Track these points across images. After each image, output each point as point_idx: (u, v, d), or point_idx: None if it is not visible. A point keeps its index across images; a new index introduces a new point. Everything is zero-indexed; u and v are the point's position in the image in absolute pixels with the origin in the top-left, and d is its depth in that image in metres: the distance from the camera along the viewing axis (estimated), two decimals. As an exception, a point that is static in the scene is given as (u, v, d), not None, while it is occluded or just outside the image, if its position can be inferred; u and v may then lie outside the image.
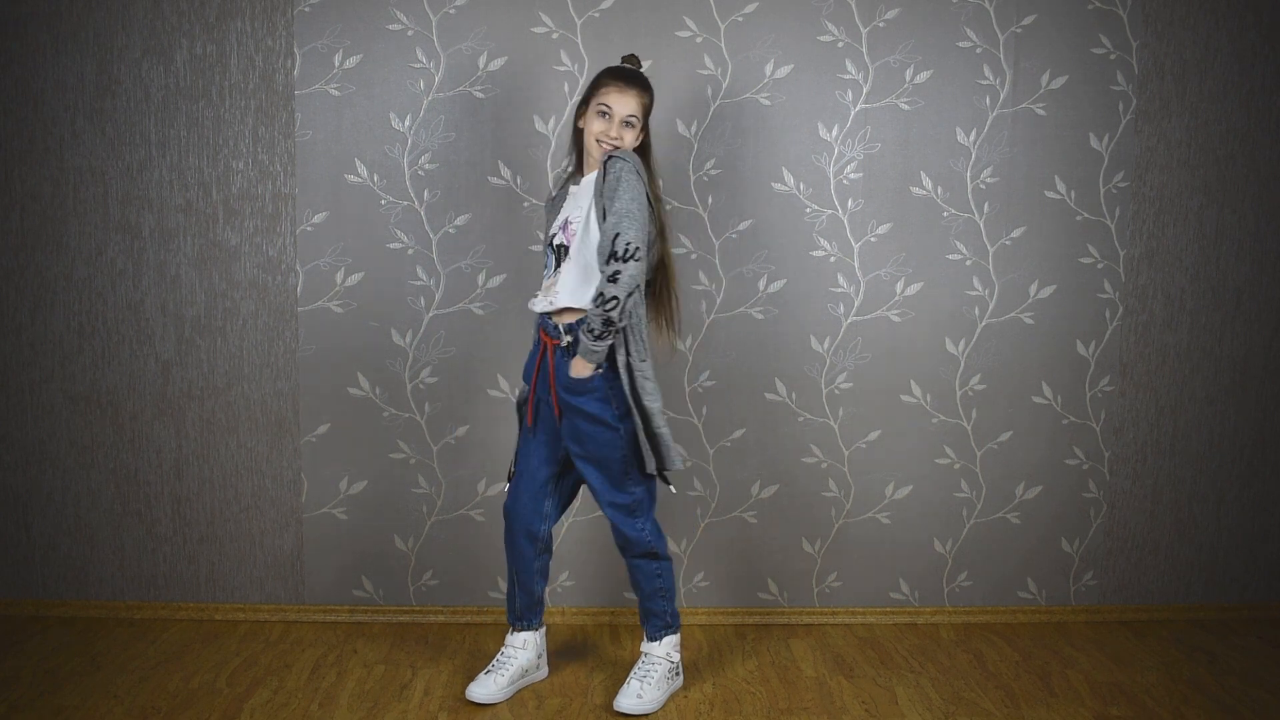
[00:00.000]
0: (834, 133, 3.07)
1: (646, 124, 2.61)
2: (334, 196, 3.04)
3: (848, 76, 3.05)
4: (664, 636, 2.70)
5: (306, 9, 2.99)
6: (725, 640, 3.07)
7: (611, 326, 2.44)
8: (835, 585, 3.22)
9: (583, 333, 2.47)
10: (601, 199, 2.49)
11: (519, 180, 3.04)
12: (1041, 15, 3.05)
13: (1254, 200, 3.16)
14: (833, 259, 3.10)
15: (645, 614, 2.71)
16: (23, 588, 3.17)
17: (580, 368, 2.50)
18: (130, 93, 3.02)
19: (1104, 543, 3.25)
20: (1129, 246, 3.15)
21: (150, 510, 3.14)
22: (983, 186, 3.10)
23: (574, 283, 2.54)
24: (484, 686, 2.67)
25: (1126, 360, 3.19)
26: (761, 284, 3.10)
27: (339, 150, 3.03)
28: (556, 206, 2.68)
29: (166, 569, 3.16)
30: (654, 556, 2.65)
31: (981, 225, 3.12)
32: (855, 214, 3.09)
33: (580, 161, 2.67)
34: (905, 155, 3.08)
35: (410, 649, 2.98)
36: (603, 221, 2.48)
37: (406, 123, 3.02)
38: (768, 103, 3.05)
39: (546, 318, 2.61)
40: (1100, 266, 3.15)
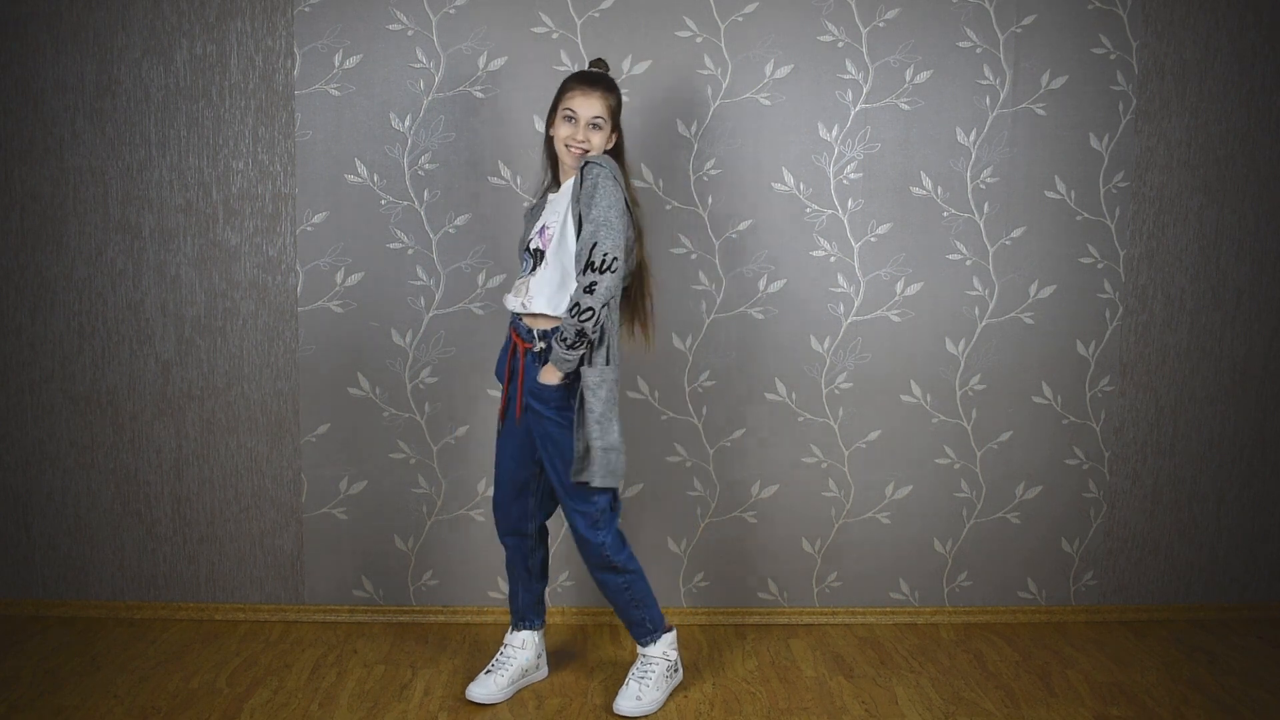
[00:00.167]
0: (834, 133, 3.07)
1: (618, 125, 2.59)
2: (334, 196, 3.04)
3: (848, 76, 3.05)
4: (656, 638, 2.68)
5: (306, 9, 2.99)
6: (725, 640, 3.07)
7: (585, 337, 2.42)
8: (835, 585, 3.22)
9: (555, 341, 2.45)
10: (578, 205, 2.47)
11: (519, 180, 3.04)
12: (1041, 15, 3.05)
13: (1254, 200, 3.16)
14: (833, 259, 3.10)
15: (627, 624, 2.69)
16: (23, 588, 3.17)
17: (550, 375, 2.49)
18: (130, 93, 3.02)
19: (1104, 543, 3.25)
20: (1129, 246, 3.15)
21: (150, 510, 3.14)
22: (983, 186, 3.10)
23: (550, 288, 2.52)
24: (484, 686, 2.67)
25: (1126, 360, 3.19)
26: (761, 284, 3.10)
27: (339, 150, 3.03)
28: (535, 215, 2.66)
29: (166, 569, 3.16)
30: (616, 570, 2.59)
31: (981, 225, 3.12)
32: (855, 214, 3.09)
33: (556, 171, 2.65)
34: (905, 155, 3.08)
35: (410, 649, 2.98)
36: (577, 226, 2.47)
37: (406, 123, 3.02)
38: (768, 103, 3.05)
39: (519, 319, 2.59)
40: (1100, 266, 3.15)
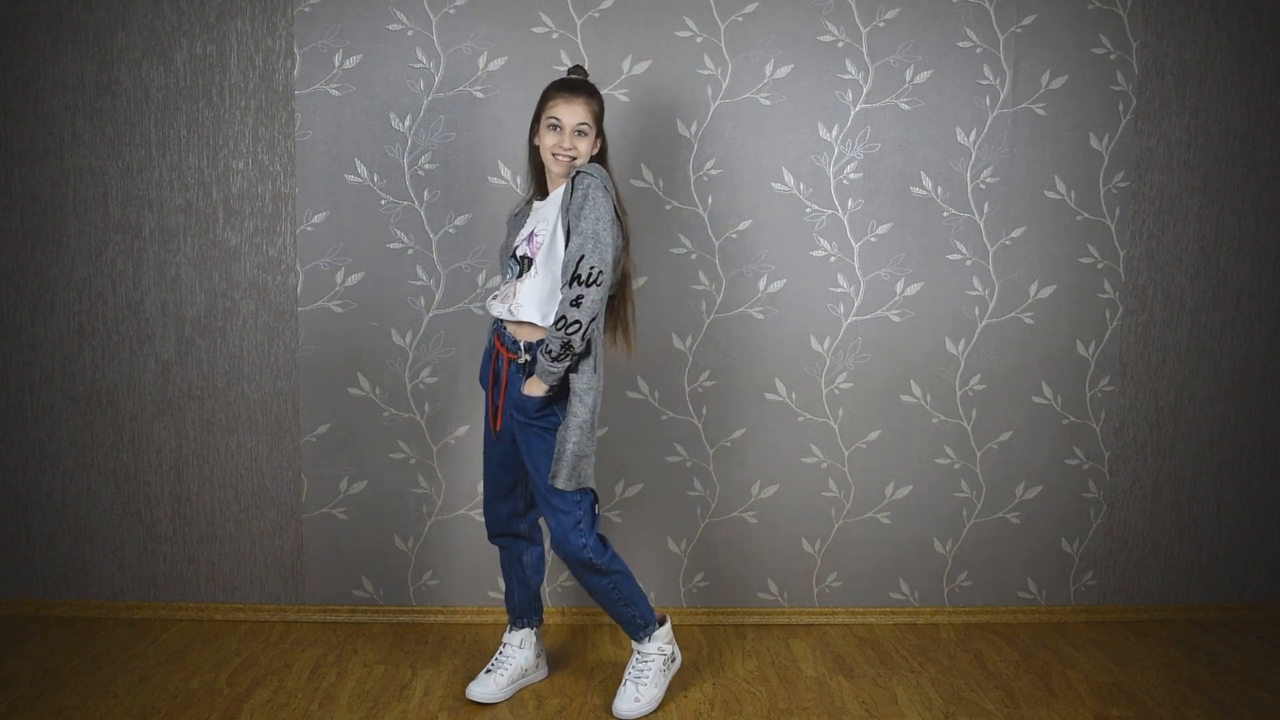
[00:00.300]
0: (834, 133, 3.07)
1: (602, 130, 2.57)
2: (334, 196, 3.04)
3: (848, 76, 3.05)
4: (650, 633, 2.65)
5: (306, 9, 2.99)
6: (725, 640, 3.07)
7: (570, 350, 2.41)
8: (835, 585, 3.22)
9: (541, 354, 2.43)
10: (568, 215, 2.45)
11: (519, 180, 3.04)
12: (1041, 15, 3.05)
13: (1254, 200, 3.16)
14: (833, 259, 3.10)
15: (618, 623, 2.65)
16: (23, 588, 3.17)
17: (535, 387, 2.47)
18: (130, 93, 3.02)
19: (1104, 543, 3.25)
20: (1129, 246, 3.15)
21: (150, 510, 3.14)
22: (983, 186, 3.10)
23: (540, 297, 2.49)
24: (484, 686, 2.67)
25: (1126, 360, 3.19)
26: (761, 284, 3.10)
27: (339, 150, 3.03)
28: (519, 223, 2.64)
29: (166, 569, 3.16)
30: (600, 572, 2.54)
31: (981, 225, 3.12)
32: (855, 214, 3.09)
33: (541, 181, 2.62)
34: (905, 155, 3.08)
35: (410, 649, 2.98)
36: (566, 235, 2.45)
37: (406, 123, 3.02)
38: (768, 103, 3.05)
39: (503, 327, 2.57)
40: (1100, 266, 3.15)
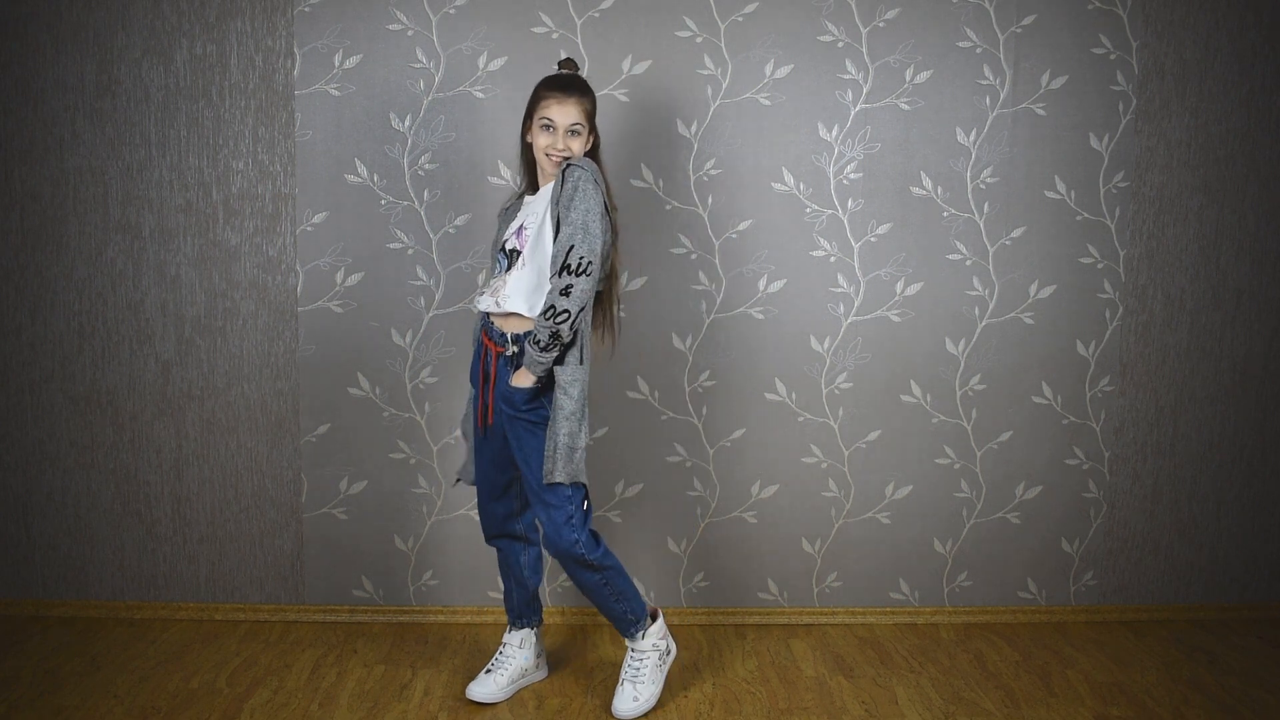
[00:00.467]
0: (834, 133, 3.07)
1: (594, 127, 2.57)
2: (334, 196, 3.04)
3: (848, 76, 3.05)
4: (643, 629, 2.63)
5: (306, 9, 2.99)
6: (725, 640, 3.07)
7: (559, 340, 2.40)
8: (835, 585, 3.22)
9: (529, 344, 2.42)
10: (557, 207, 2.45)
11: (519, 180, 3.03)
12: (1041, 15, 3.05)
13: (1254, 200, 3.16)
14: (833, 259, 3.10)
15: (611, 619, 2.62)
16: (23, 588, 3.17)
17: (523, 379, 2.46)
18: (130, 93, 3.02)
19: (1104, 543, 3.25)
20: (1129, 246, 3.15)
21: (150, 510, 3.14)
22: (983, 186, 3.10)
23: (527, 288, 2.49)
24: (484, 686, 2.67)
25: (1126, 360, 3.19)
26: (761, 284, 3.10)
27: (339, 150, 3.03)
28: (509, 217, 2.65)
29: (166, 569, 3.16)
30: (593, 568, 2.51)
31: (981, 225, 3.12)
32: (855, 214, 3.09)
33: (533, 176, 2.63)
34: (905, 155, 3.08)
35: (410, 649, 2.98)
36: (555, 228, 2.45)
37: (406, 123, 3.02)
38: (768, 103, 3.05)
39: (490, 321, 2.56)
40: (1100, 266, 3.15)
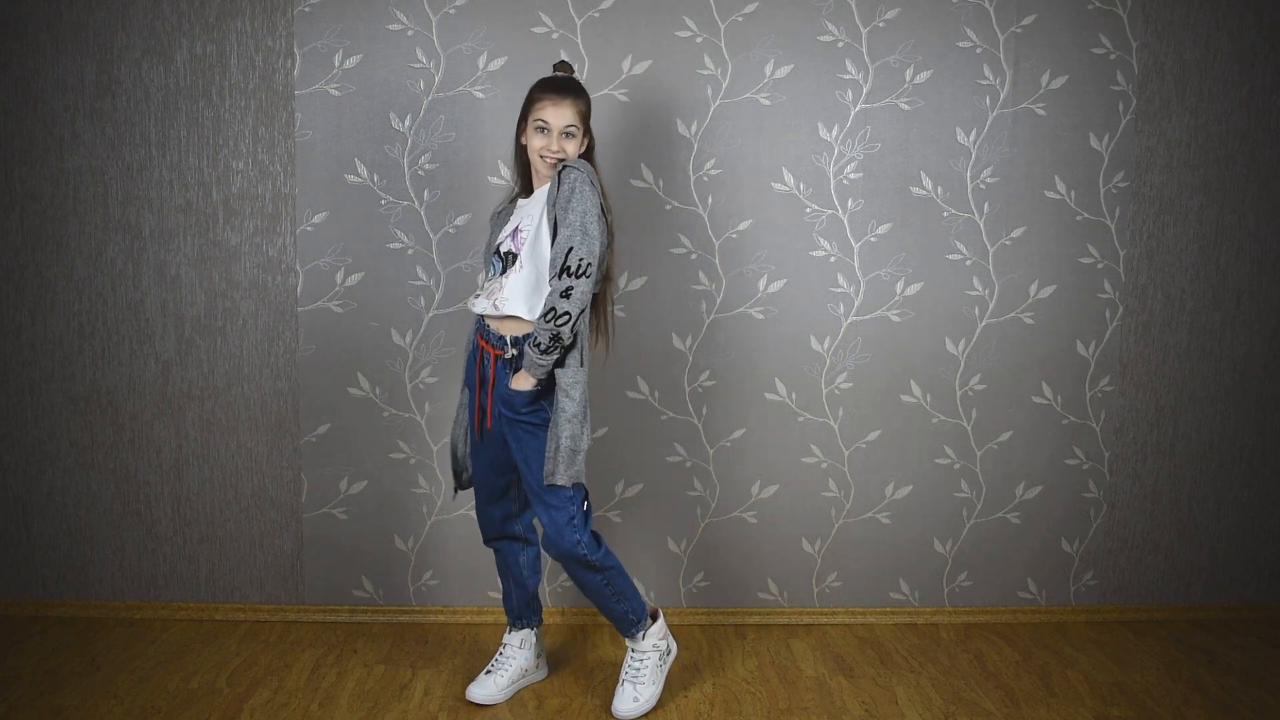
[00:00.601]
0: (834, 133, 3.07)
1: (589, 129, 2.57)
2: (334, 196, 3.04)
3: (848, 76, 3.05)
4: (644, 629, 2.63)
5: (306, 9, 2.99)
6: (725, 640, 3.07)
7: (560, 342, 2.40)
8: (835, 585, 3.22)
9: (529, 346, 2.42)
10: (554, 209, 2.44)
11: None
12: (1041, 15, 3.05)
13: (1254, 200, 3.16)
14: (833, 259, 3.10)
15: (612, 619, 2.62)
16: (23, 588, 3.17)
17: (523, 381, 2.45)
18: (130, 93, 3.02)
19: (1104, 543, 3.25)
20: (1129, 246, 3.15)
21: (150, 510, 3.14)
22: (983, 186, 3.10)
23: (525, 291, 2.48)
24: (484, 687, 2.67)
25: (1126, 360, 3.19)
26: (761, 284, 3.10)
27: (339, 150, 3.03)
28: (502, 220, 2.64)
29: (166, 569, 3.16)
30: (595, 568, 2.51)
31: (981, 225, 3.12)
32: (855, 214, 3.09)
33: (528, 178, 2.62)
34: (905, 155, 3.08)
35: (410, 649, 2.98)
36: (552, 229, 2.44)
37: (406, 123, 3.02)
38: (768, 103, 3.05)
39: (486, 324, 2.55)
40: (1100, 266, 3.15)
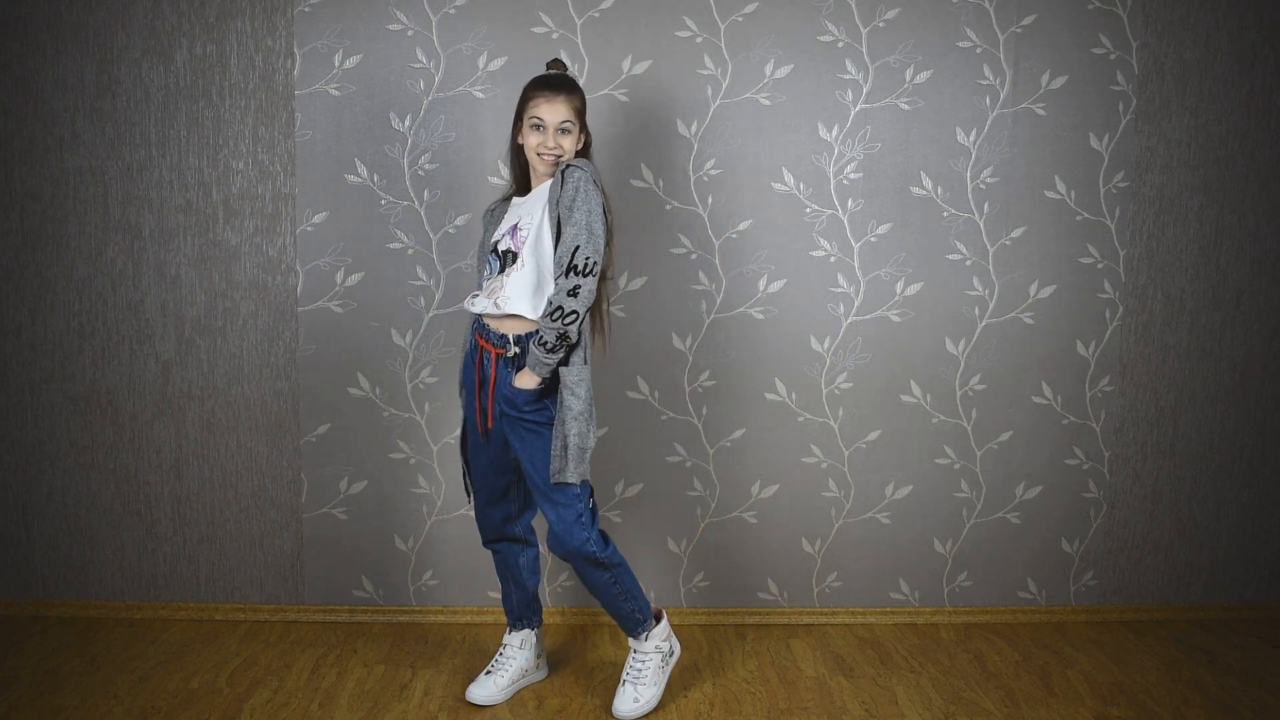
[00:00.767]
0: (834, 133, 3.07)
1: (585, 125, 2.57)
2: (334, 196, 3.04)
3: (848, 76, 3.05)
4: (648, 629, 2.63)
5: (306, 9, 2.99)
6: (725, 640, 3.07)
7: (567, 340, 2.40)
8: (835, 585, 3.22)
9: (535, 345, 2.41)
10: (557, 208, 2.44)
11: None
12: (1041, 15, 3.05)
13: (1254, 200, 3.16)
14: (833, 259, 3.10)
15: (618, 618, 2.62)
16: (23, 588, 3.17)
17: (527, 380, 2.45)
18: (130, 93, 3.02)
19: (1104, 543, 3.25)
20: (1129, 246, 3.15)
21: (150, 510, 3.14)
22: (983, 186, 3.10)
23: (527, 290, 2.47)
24: (483, 688, 2.66)
25: (1126, 360, 3.19)
26: (761, 284, 3.10)
27: (339, 150, 3.03)
28: (497, 218, 2.63)
29: (166, 569, 3.16)
30: (603, 566, 2.51)
31: (981, 225, 3.12)
32: (855, 214, 3.09)
33: (524, 178, 2.62)
34: (905, 155, 3.08)
35: (410, 649, 2.99)
36: (555, 229, 2.44)
37: (406, 123, 3.02)
38: (768, 103, 3.05)
39: (486, 323, 2.54)
40: (1100, 266, 3.15)
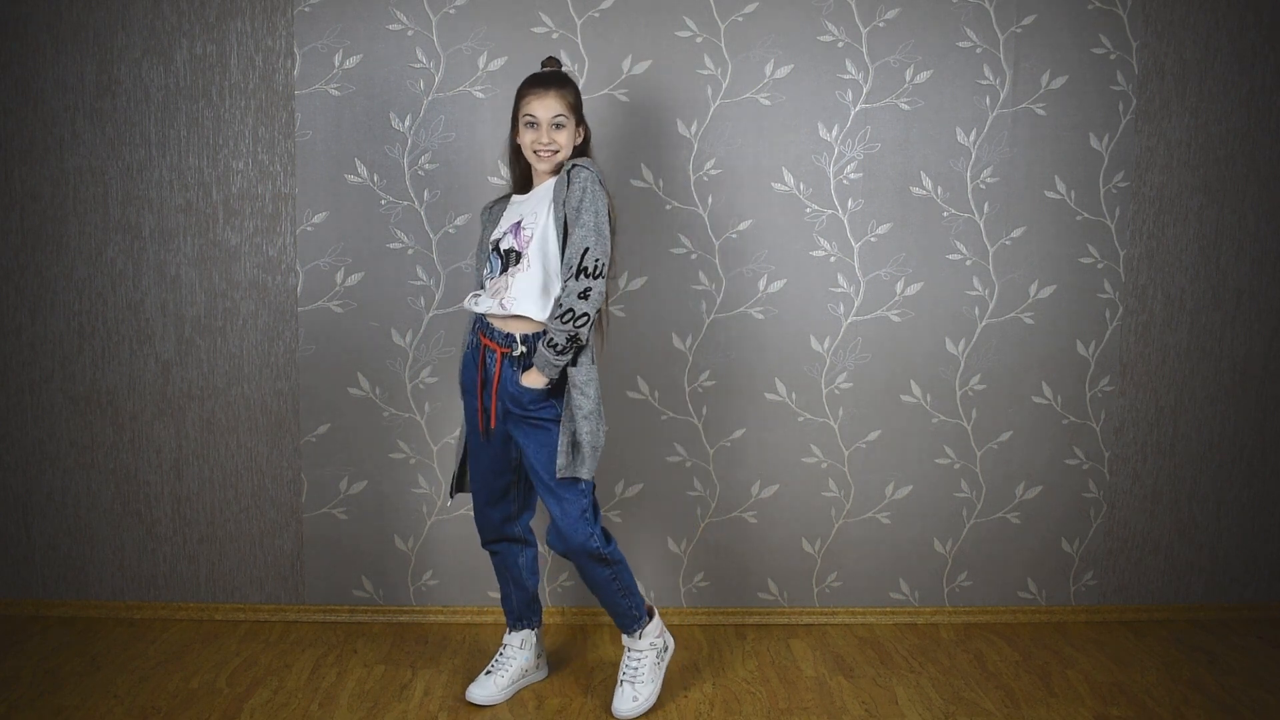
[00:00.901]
0: (834, 133, 3.07)
1: (582, 119, 2.56)
2: (334, 196, 3.04)
3: (848, 76, 3.05)
4: (642, 625, 2.63)
5: (306, 9, 2.99)
6: (725, 640, 3.07)
7: (577, 342, 2.41)
8: (835, 585, 3.22)
9: (544, 347, 2.41)
10: (563, 208, 2.44)
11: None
12: (1041, 15, 3.05)
13: (1254, 200, 3.16)
14: (833, 259, 3.10)
15: (613, 614, 2.62)
16: (23, 588, 3.17)
17: (534, 379, 2.45)
18: (130, 93, 3.02)
19: (1104, 543, 3.25)
20: (1129, 246, 3.15)
21: (150, 510, 3.14)
22: (983, 186, 3.10)
23: (535, 290, 2.47)
24: (483, 688, 2.66)
25: (1126, 360, 3.19)
26: (761, 284, 3.10)
27: (339, 150, 3.03)
28: (495, 217, 2.63)
29: (166, 569, 3.16)
30: (606, 562, 2.51)
31: (981, 225, 3.12)
32: (855, 214, 3.09)
33: (525, 178, 2.61)
34: (905, 155, 3.08)
35: (410, 649, 2.99)
36: (560, 229, 2.44)
37: (406, 123, 3.02)
38: (768, 103, 3.05)
39: (490, 323, 2.53)
40: (1100, 266, 3.15)
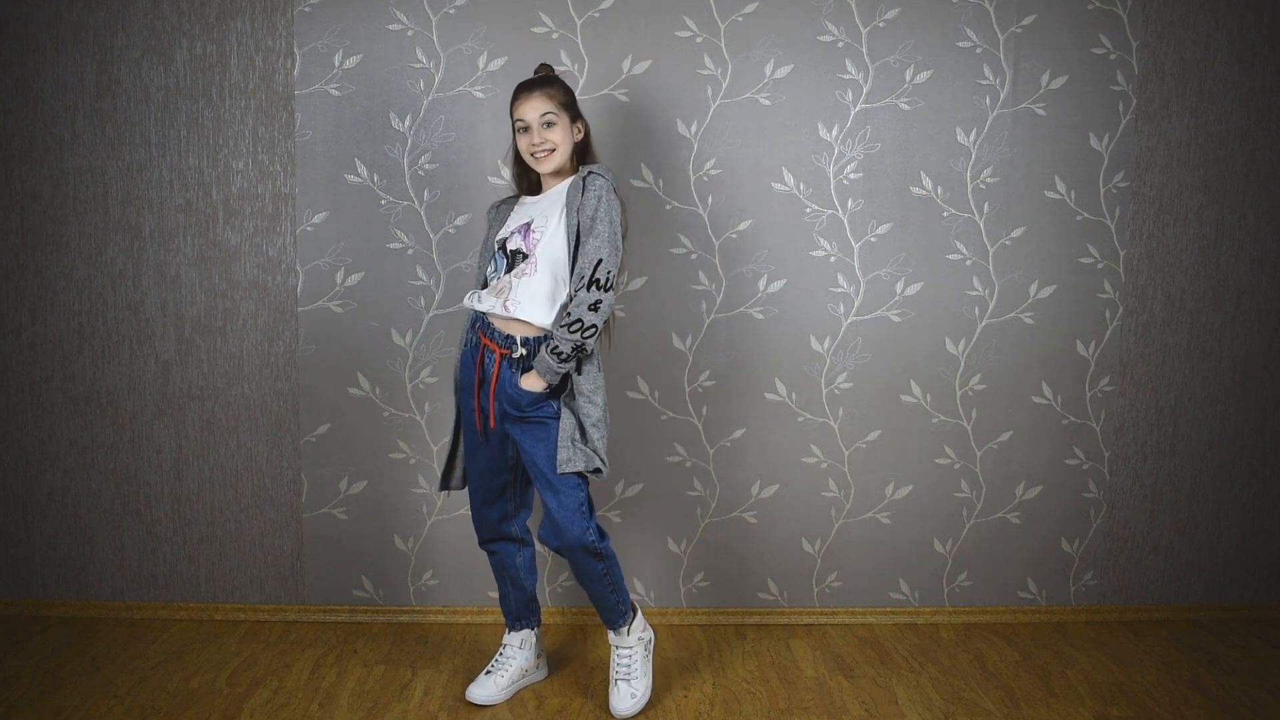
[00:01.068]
0: (834, 133, 3.07)
1: (577, 114, 2.55)
2: (334, 196, 3.04)
3: (848, 76, 3.05)
4: (630, 621, 2.63)
5: (306, 9, 2.99)
6: (725, 640, 3.07)
7: (582, 352, 2.42)
8: (835, 585, 3.22)
9: (548, 353, 2.42)
10: (576, 214, 2.44)
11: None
12: (1041, 15, 3.05)
13: (1254, 200, 3.16)
14: (833, 259, 3.10)
15: (601, 609, 2.62)
16: (23, 588, 3.17)
17: (534, 383, 2.46)
18: (130, 93, 3.02)
19: (1104, 543, 3.25)
20: (1129, 246, 3.15)
21: (150, 510, 3.14)
22: (983, 186, 3.10)
23: (541, 295, 2.47)
24: (483, 688, 2.67)
25: (1126, 360, 3.19)
26: (761, 284, 3.10)
27: (339, 150, 3.03)
28: (502, 217, 2.63)
29: (166, 569, 3.16)
30: (600, 556, 2.52)
31: (981, 225, 3.12)
32: (855, 214, 3.09)
33: (534, 181, 2.62)
34: (905, 155, 3.08)
35: (410, 649, 2.99)
36: (571, 235, 2.44)
37: (406, 123, 3.02)
38: (768, 103, 3.05)
39: (491, 322, 2.53)
40: (1100, 266, 3.15)
